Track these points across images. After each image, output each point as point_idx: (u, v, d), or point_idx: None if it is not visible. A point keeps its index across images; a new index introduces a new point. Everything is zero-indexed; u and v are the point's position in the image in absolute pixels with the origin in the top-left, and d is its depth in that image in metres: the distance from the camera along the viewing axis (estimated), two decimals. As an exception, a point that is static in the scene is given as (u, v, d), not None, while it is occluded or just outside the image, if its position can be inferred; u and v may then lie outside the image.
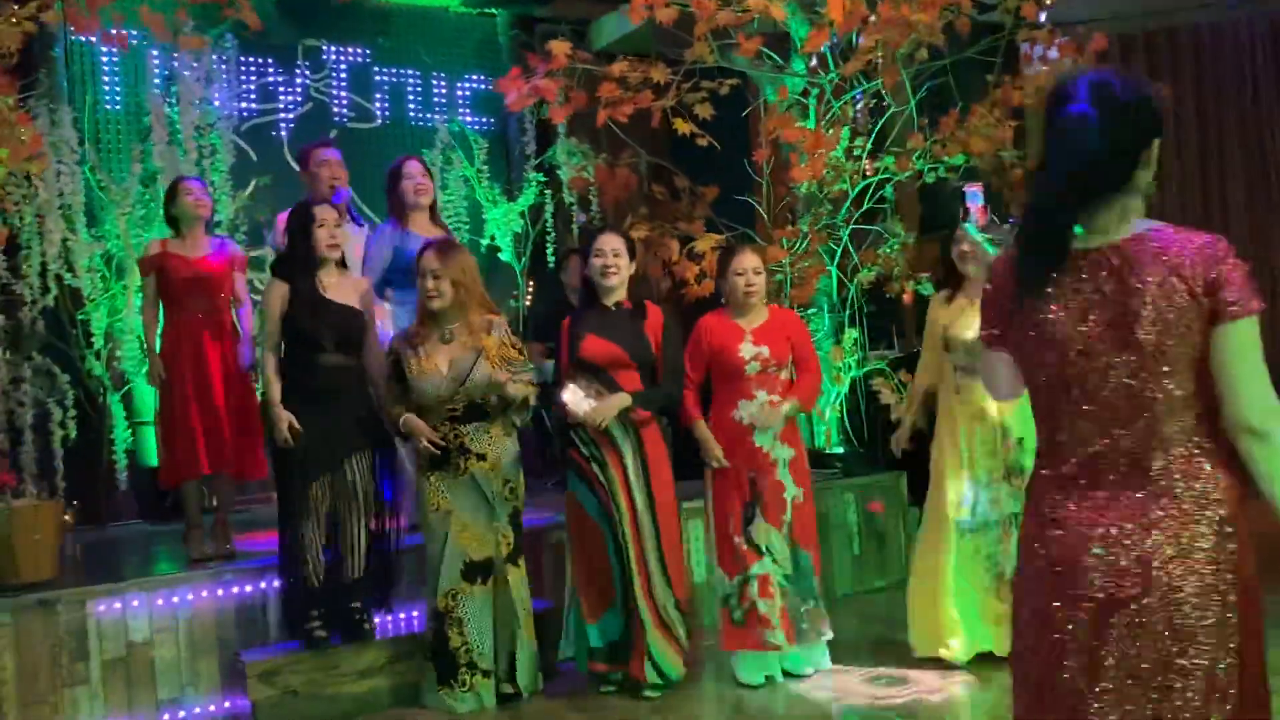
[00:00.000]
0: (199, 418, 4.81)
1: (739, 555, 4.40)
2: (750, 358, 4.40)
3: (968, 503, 4.45)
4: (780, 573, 4.40)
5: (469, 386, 4.23)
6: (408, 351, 4.31)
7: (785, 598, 4.41)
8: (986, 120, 5.86)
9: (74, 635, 4.18)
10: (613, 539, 4.30)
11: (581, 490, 4.36)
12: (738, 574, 4.40)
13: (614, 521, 4.28)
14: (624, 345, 4.31)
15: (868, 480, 6.07)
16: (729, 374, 4.43)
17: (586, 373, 4.31)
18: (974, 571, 4.46)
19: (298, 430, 4.24)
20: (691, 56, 5.75)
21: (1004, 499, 4.40)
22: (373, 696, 4.38)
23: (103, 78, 6.58)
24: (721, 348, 4.43)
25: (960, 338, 4.42)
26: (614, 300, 4.39)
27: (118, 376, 6.26)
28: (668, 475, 4.40)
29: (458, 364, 4.25)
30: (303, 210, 4.47)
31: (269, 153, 7.00)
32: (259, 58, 7.03)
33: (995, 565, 4.43)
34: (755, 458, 4.40)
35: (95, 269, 6.16)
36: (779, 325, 4.51)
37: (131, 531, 6.16)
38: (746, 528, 4.40)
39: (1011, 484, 4.39)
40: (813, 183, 5.92)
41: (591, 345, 4.31)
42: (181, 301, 4.89)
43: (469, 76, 7.85)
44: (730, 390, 4.44)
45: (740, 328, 4.46)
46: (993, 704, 4.14)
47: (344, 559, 4.39)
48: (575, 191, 7.22)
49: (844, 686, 4.39)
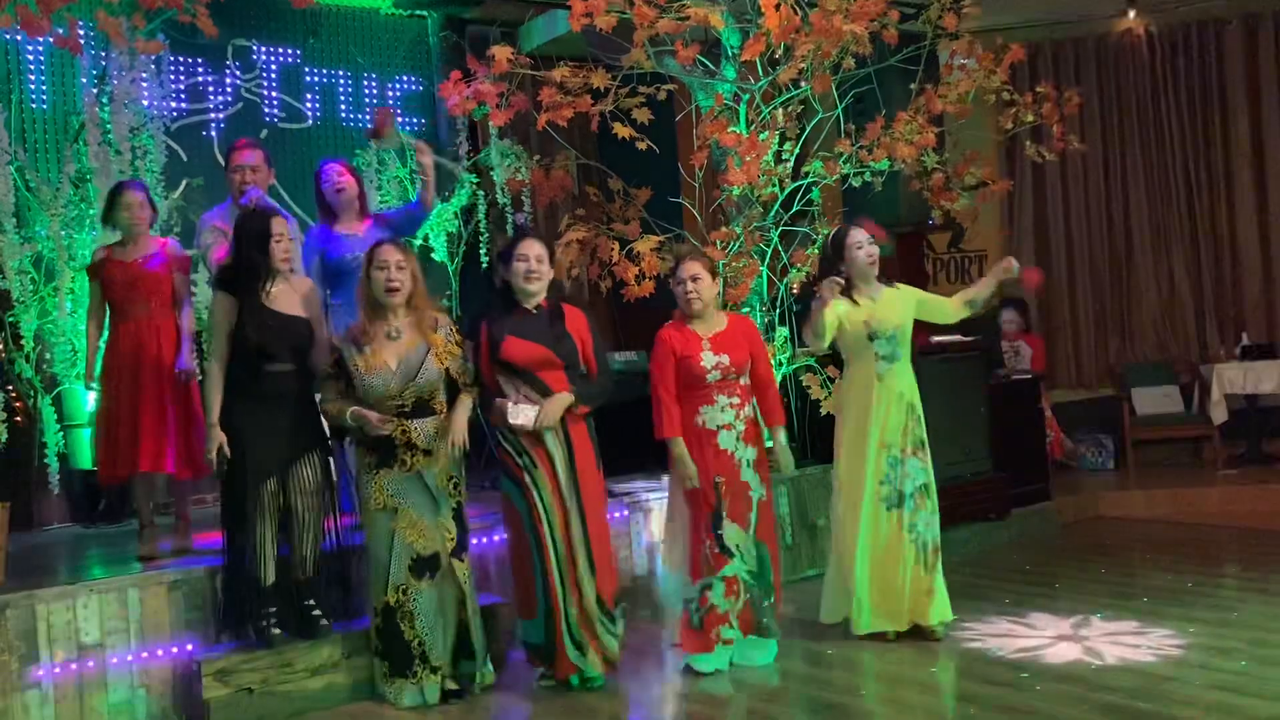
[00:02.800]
0: (136, 417, 4.84)
1: (708, 559, 4.53)
2: (711, 366, 4.54)
3: (889, 480, 4.79)
4: (745, 569, 4.57)
5: (419, 383, 4.30)
6: (352, 349, 4.35)
7: (749, 593, 4.57)
8: (910, 126, 6.09)
9: (24, 639, 4.16)
10: (536, 543, 4.38)
11: (513, 492, 4.44)
12: (701, 579, 4.53)
13: (540, 525, 4.36)
14: (550, 346, 4.39)
15: (798, 473, 6.26)
16: (690, 382, 4.55)
17: (510, 374, 4.39)
18: (894, 546, 4.78)
19: (225, 454, 4.29)
20: (628, 62, 5.88)
21: (914, 472, 4.80)
22: (329, 692, 4.43)
23: (29, 75, 6.47)
24: (683, 356, 4.55)
25: (885, 326, 4.79)
26: (533, 303, 4.48)
27: (48, 379, 6.18)
28: (596, 473, 4.50)
29: (407, 360, 4.31)
30: (258, 220, 4.46)
31: (200, 153, 6.95)
32: (188, 57, 6.96)
33: (918, 537, 4.79)
34: (720, 460, 4.54)
35: (24, 271, 6.07)
36: (737, 332, 4.66)
37: (63, 535, 6.09)
38: (716, 531, 4.53)
39: (918, 457, 4.81)
40: (746, 186, 6.09)
41: (514, 347, 4.37)
42: (121, 305, 4.95)
43: (400, 77, 7.87)
44: (692, 398, 4.57)
45: (698, 335, 4.60)
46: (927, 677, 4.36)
47: (296, 557, 4.43)
48: (510, 193, 7.30)
49: (790, 669, 4.58)
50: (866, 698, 4.25)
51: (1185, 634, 4.66)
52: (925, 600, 4.79)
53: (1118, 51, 9.42)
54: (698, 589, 4.54)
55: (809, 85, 6.09)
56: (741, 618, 4.57)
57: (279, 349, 4.36)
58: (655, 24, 5.74)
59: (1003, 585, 5.71)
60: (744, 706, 4.23)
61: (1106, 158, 9.46)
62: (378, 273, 4.33)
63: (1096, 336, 9.52)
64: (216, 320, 4.39)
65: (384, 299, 4.34)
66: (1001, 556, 6.45)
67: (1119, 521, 7.47)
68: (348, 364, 4.33)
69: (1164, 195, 9.41)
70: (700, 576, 4.54)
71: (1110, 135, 9.45)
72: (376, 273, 4.34)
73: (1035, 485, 7.44)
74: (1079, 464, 8.84)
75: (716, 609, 4.52)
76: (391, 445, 4.32)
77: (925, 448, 4.88)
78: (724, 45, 6.35)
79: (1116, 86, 9.44)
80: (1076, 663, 4.37)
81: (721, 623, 4.53)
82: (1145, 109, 9.42)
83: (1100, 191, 9.49)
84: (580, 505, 4.40)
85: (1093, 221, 9.51)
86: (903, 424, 4.82)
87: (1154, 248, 9.43)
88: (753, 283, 6.25)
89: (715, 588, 4.52)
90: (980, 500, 6.88)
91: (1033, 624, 4.95)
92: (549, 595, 4.36)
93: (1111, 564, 6.14)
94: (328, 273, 5.27)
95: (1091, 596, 5.39)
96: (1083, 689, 4.05)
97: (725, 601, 4.53)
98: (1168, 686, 4.03)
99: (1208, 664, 4.27)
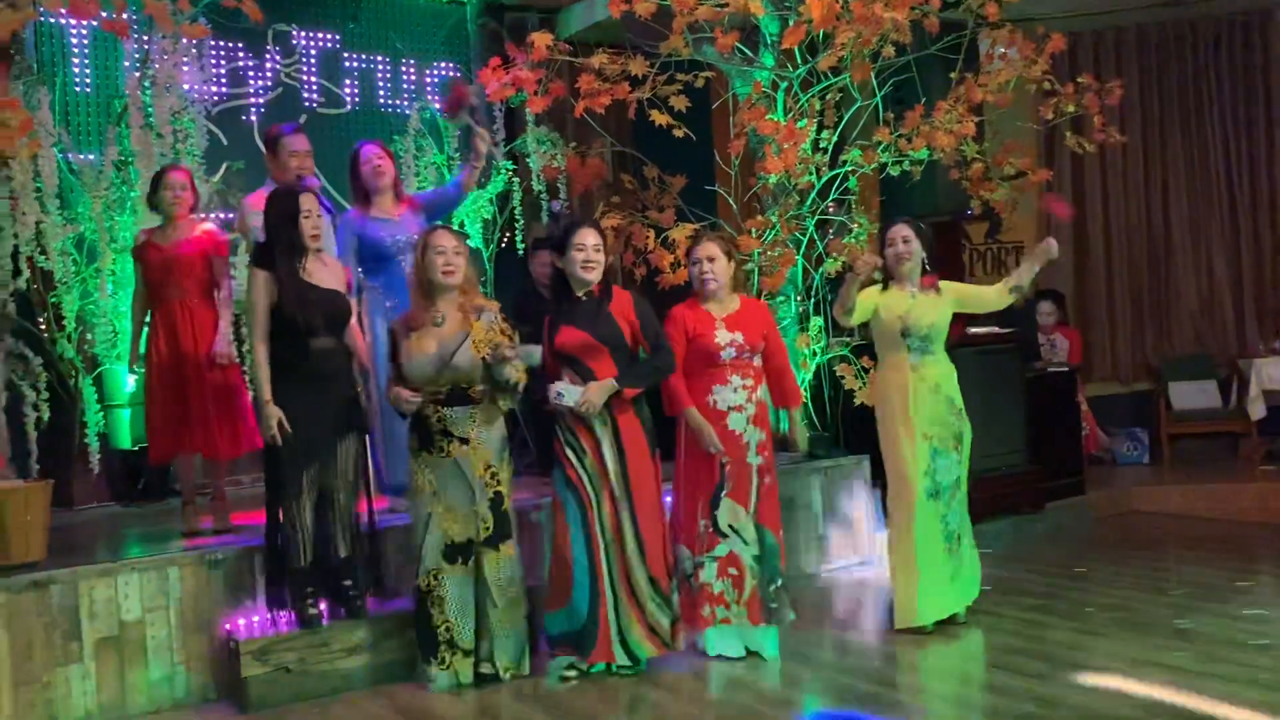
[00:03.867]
0: (181, 400, 4.99)
1: (702, 537, 4.56)
2: (725, 344, 4.55)
3: (930, 472, 4.78)
4: (750, 553, 4.57)
5: (452, 368, 4.32)
6: (403, 334, 4.42)
7: (755, 577, 4.57)
8: (950, 115, 6.05)
9: (66, 615, 4.24)
10: (584, 531, 4.41)
11: (560, 481, 4.48)
12: (695, 556, 4.56)
13: (589, 511, 4.40)
14: (591, 330, 4.42)
15: (831, 463, 6.27)
16: (703, 361, 4.57)
17: (564, 362, 4.44)
18: (935, 536, 4.79)
19: (286, 430, 4.33)
20: (666, 49, 5.88)
21: (952, 466, 4.81)
22: (365, 672, 4.48)
23: (72, 60, 6.55)
24: (696, 335, 4.57)
25: (919, 325, 4.75)
26: (585, 291, 4.51)
27: (89, 360, 6.26)
28: (647, 460, 4.49)
29: (444, 347, 4.35)
30: (287, 199, 4.50)
31: (239, 137, 7.01)
32: (229, 42, 7.02)
33: (947, 526, 4.80)
34: (729, 441, 4.55)
35: (67, 252, 6.14)
36: (751, 314, 4.67)
37: (103, 514, 6.18)
38: (713, 511, 4.55)
39: (957, 451, 4.81)
40: (783, 174, 6.07)
41: (565, 335, 4.43)
42: (158, 289, 5.06)
43: (438, 63, 7.90)
44: (704, 377, 4.58)
45: (712, 315, 4.61)
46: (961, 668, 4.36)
47: (335, 538, 4.48)
48: (546, 180, 7.31)
49: (812, 660, 4.58)
50: (897, 689, 4.25)
51: (1222, 630, 4.62)
52: (954, 587, 4.81)
53: (1159, 42, 9.31)
54: (690, 566, 4.57)
55: (848, 73, 6.06)
56: (749, 604, 4.57)
57: (320, 322, 4.40)
58: (694, 11, 5.73)
59: (1036, 578, 5.68)
60: (769, 696, 4.23)
61: (1146, 149, 9.37)
62: (435, 257, 4.37)
63: (1134, 329, 9.43)
64: (255, 298, 4.42)
65: (440, 281, 4.38)
66: (1035, 549, 6.42)
67: (1154, 517, 7.41)
68: (398, 349, 4.40)
69: (1204, 187, 9.31)
70: (695, 554, 4.56)
71: (1150, 126, 9.36)
72: (434, 257, 4.37)
73: (1070, 479, 7.39)
74: (1114, 458, 8.77)
75: (709, 587, 4.53)
76: (429, 431, 4.36)
77: (964, 443, 4.86)
78: (763, 32, 6.33)
79: (1157, 77, 9.34)
80: (1110, 655, 4.35)
81: (716, 603, 4.54)
82: (1186, 100, 9.32)
83: (1139, 183, 9.40)
84: (629, 491, 4.42)
85: (1131, 213, 9.41)
86: (941, 416, 4.79)
87: (1193, 240, 9.33)
88: (788, 272, 6.23)
89: (707, 566, 4.54)
90: (1015, 493, 6.85)
91: (1066, 616, 4.93)
92: (595, 582, 4.39)
93: (1146, 559, 6.10)
94: (364, 256, 5.30)
95: (1125, 590, 5.36)
96: (1116, 683, 4.03)
97: (719, 582, 4.54)
98: (1204, 683, 4.00)
99: (1248, 661, 4.23)
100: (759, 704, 4.11)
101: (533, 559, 4.99)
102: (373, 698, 4.37)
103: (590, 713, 4.11)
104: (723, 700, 4.21)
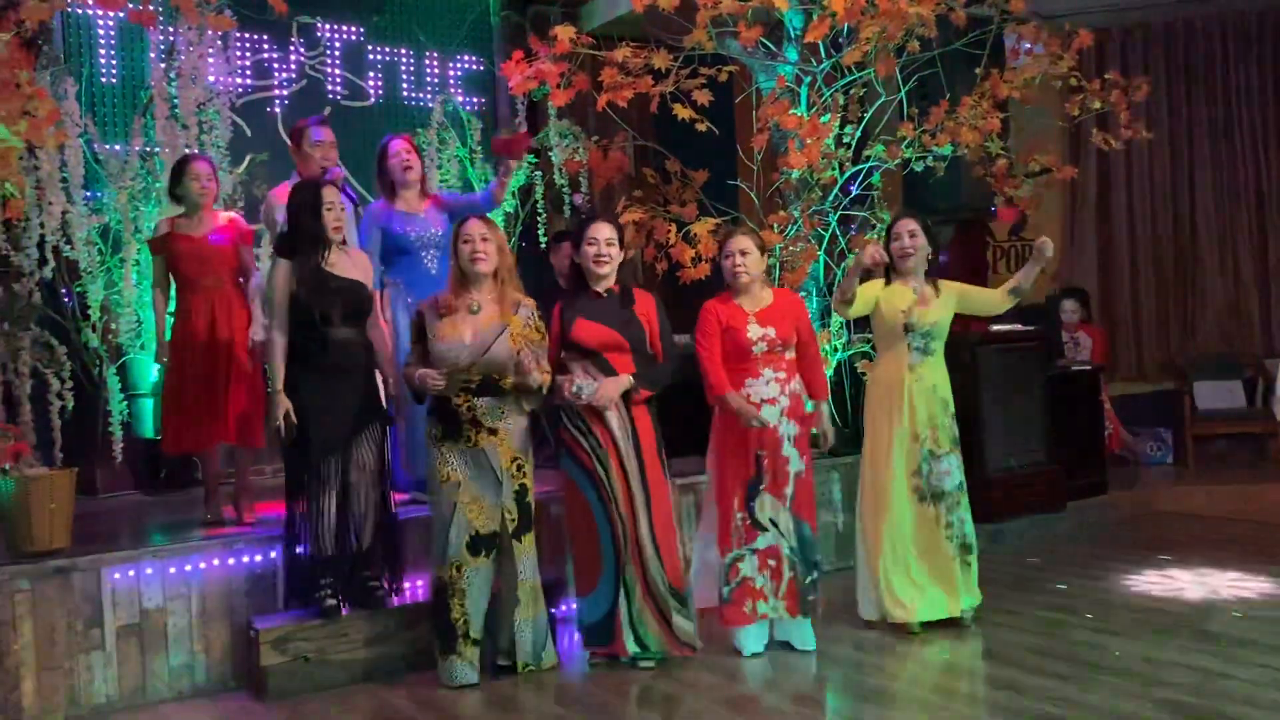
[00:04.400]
0: (214, 390, 4.94)
1: (740, 531, 4.55)
2: (757, 338, 4.55)
3: (922, 473, 4.76)
4: (787, 545, 4.57)
5: (488, 359, 4.32)
6: (433, 316, 4.40)
7: (793, 569, 4.57)
8: (975, 111, 6.01)
9: (89, 602, 4.27)
10: (606, 523, 4.43)
11: (575, 471, 4.49)
12: (731, 551, 4.55)
13: (609, 505, 4.41)
14: (619, 329, 4.44)
15: (852, 459, 6.23)
16: (736, 354, 4.57)
17: (579, 355, 4.45)
18: (936, 539, 4.77)
19: (292, 421, 4.35)
20: (690, 42, 5.86)
21: (953, 469, 4.79)
22: (384, 663, 4.49)
23: (99, 50, 6.59)
24: (728, 329, 4.57)
25: (922, 323, 4.77)
26: (604, 286, 4.52)
27: (114, 349, 6.30)
28: (658, 458, 4.54)
29: (481, 336, 4.34)
30: (310, 191, 4.53)
31: (263, 129, 7.04)
32: (254, 33, 7.06)
33: (955, 533, 4.77)
34: (764, 434, 4.55)
35: (92, 242, 6.19)
36: (783, 307, 4.66)
37: (126, 502, 6.22)
38: (749, 504, 4.55)
39: (955, 454, 4.81)
40: (806, 169, 6.05)
41: (584, 329, 4.43)
42: (192, 279, 5.02)
43: (461, 56, 7.91)
44: (737, 370, 4.58)
45: (744, 310, 4.61)
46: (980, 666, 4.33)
47: (356, 530, 4.49)
48: (568, 174, 7.31)
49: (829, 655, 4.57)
50: (911, 685, 4.23)
51: (1245, 631, 4.59)
52: (957, 592, 4.77)
53: (1188, 38, 9.23)
54: (728, 561, 4.55)
55: (872, 68, 6.03)
56: (788, 596, 4.57)
57: (339, 313, 4.42)
58: (718, 4, 5.71)
59: (1057, 577, 5.64)
60: (787, 690, 4.22)
61: (1173, 146, 9.28)
62: (464, 246, 4.38)
63: (1158, 328, 9.36)
64: (276, 287, 4.43)
65: (470, 269, 4.38)
66: (1057, 548, 6.37)
67: (1177, 517, 7.35)
68: (426, 330, 4.38)
69: (1231, 185, 9.22)
70: (731, 549, 4.55)
71: (1178, 124, 9.27)
72: (463, 246, 4.39)
73: (1092, 478, 7.34)
74: (1138, 458, 8.71)
75: (750, 582, 4.53)
76: (457, 420, 4.35)
77: (958, 446, 4.85)
78: (786, 26, 6.31)
79: (1186, 74, 9.25)
80: (1131, 655, 4.32)
81: (757, 597, 4.54)
82: (1215, 97, 9.23)
83: (1166, 181, 9.32)
84: (646, 489, 4.44)
85: (1157, 211, 9.33)
86: (935, 418, 4.79)
87: (1220, 238, 9.25)
88: (810, 268, 6.21)
89: (747, 560, 4.53)
90: (1036, 491, 6.81)
91: (1087, 616, 4.90)
92: (615, 576, 4.41)
93: (1168, 559, 6.05)
94: (386, 250, 5.31)
95: (1147, 590, 5.32)
96: (1138, 684, 4.01)
97: (760, 576, 4.54)
98: (1226, 684, 3.97)
99: (1269, 663, 4.20)
100: (769, 695, 4.10)
101: (555, 552, 4.99)
102: (391, 689, 4.38)
103: (602, 704, 4.12)
104: (736, 695, 4.20)
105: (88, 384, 6.19)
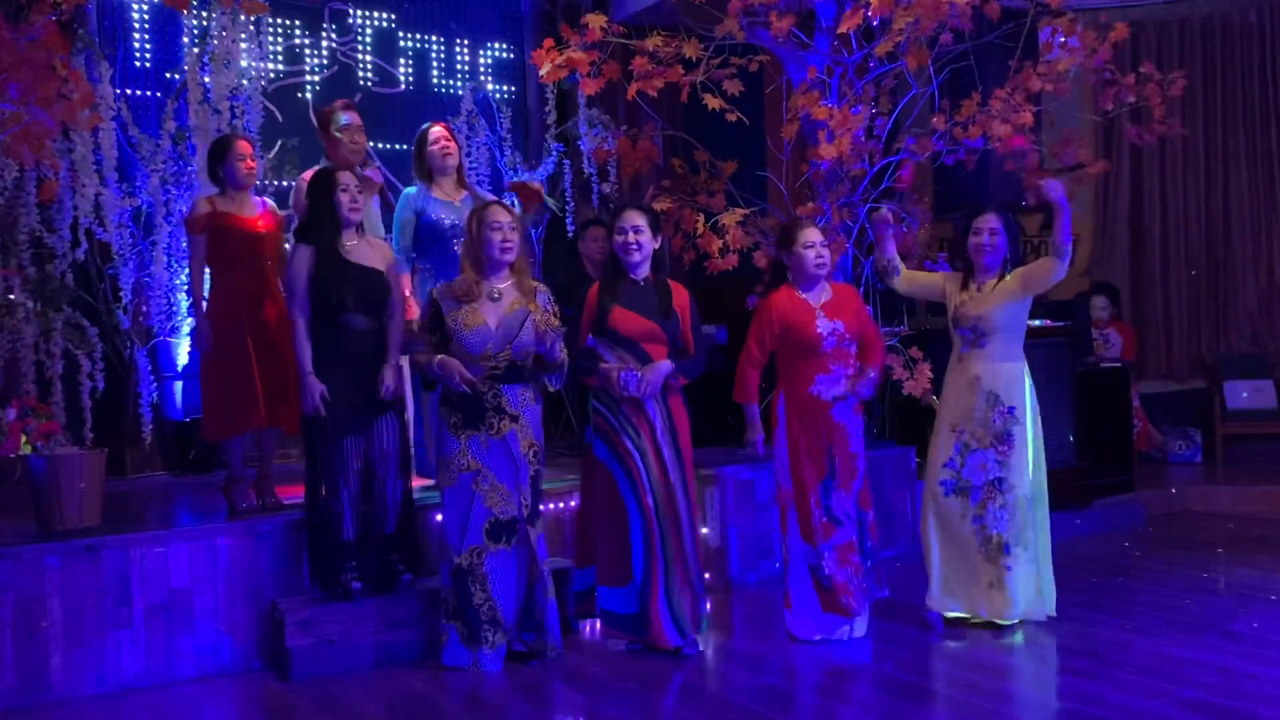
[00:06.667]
0: (259, 374, 4.80)
1: (820, 529, 4.55)
2: (827, 334, 4.53)
3: (954, 465, 4.71)
4: (857, 535, 4.59)
5: (515, 346, 4.33)
6: (451, 304, 4.38)
7: (862, 560, 4.60)
8: (1007, 105, 5.96)
9: (118, 580, 4.32)
10: (640, 512, 4.43)
11: (608, 457, 4.49)
12: (814, 549, 4.55)
13: (644, 494, 4.42)
14: (660, 322, 4.45)
15: (878, 454, 6.21)
16: (804, 350, 4.55)
17: (614, 343, 4.45)
18: (960, 533, 4.72)
19: (328, 401, 4.38)
20: (721, 32, 5.85)
21: (989, 464, 4.68)
22: (407, 646, 4.53)
23: (133, 34, 6.64)
24: (796, 325, 4.54)
25: (965, 316, 4.72)
26: (640, 275, 4.52)
27: (144, 331, 6.36)
28: (689, 443, 4.56)
29: (507, 322, 4.35)
30: (325, 176, 4.58)
31: (295, 115, 7.06)
32: (285, 19, 7.09)
33: (983, 529, 4.69)
34: (835, 432, 4.56)
35: (124, 225, 6.24)
36: (845, 300, 4.66)
37: (154, 483, 6.27)
38: (826, 502, 4.55)
39: (997, 450, 4.67)
40: (836, 161, 6.02)
41: (622, 318, 4.44)
42: (237, 261, 4.88)
43: (491, 44, 7.92)
44: (806, 366, 4.55)
45: (810, 304, 4.59)
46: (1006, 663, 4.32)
47: (378, 514, 4.53)
48: (597, 163, 7.30)
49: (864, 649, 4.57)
50: (939, 680, 4.23)
51: (1272, 632, 4.55)
52: (989, 594, 4.69)
53: (1224, 33, 9.12)
54: (813, 558, 4.55)
55: (904, 59, 5.99)
56: (860, 588, 4.59)
57: (356, 300, 4.44)
58: (751, -7, 5.70)
59: (1083, 575, 5.61)
60: (817, 682, 4.22)
61: (1208, 143, 9.18)
62: (492, 234, 4.36)
63: (1189, 327, 9.27)
64: (296, 272, 4.46)
65: (499, 258, 4.37)
66: (1083, 546, 6.33)
67: (1205, 516, 7.29)
68: (445, 319, 4.36)
69: (1267, 182, 9.10)
70: (812, 546, 4.55)
71: (1213, 119, 9.17)
72: (491, 233, 4.36)
73: (1120, 476, 7.29)
74: (1166, 457, 8.63)
75: (835, 578, 4.54)
76: (481, 407, 4.35)
77: (1013, 444, 4.67)
78: (818, 17, 6.27)
79: (1222, 69, 9.14)
80: (1157, 655, 4.29)
81: (844, 593, 4.54)
82: (1251, 93, 9.11)
83: (1199, 177, 9.21)
84: (684, 478, 4.47)
85: (1190, 207, 9.24)
86: (979, 411, 4.69)
87: (1254, 236, 9.14)
88: (838, 260, 6.18)
89: (828, 556, 4.53)
90: (1063, 489, 6.75)
91: (1113, 614, 4.87)
92: (650, 565, 4.42)
93: (1196, 558, 6.00)
94: (419, 235, 5.32)
95: (1174, 589, 5.29)
96: (1163, 682, 3.98)
97: (842, 571, 4.54)
98: (1250, 684, 3.94)
99: (1295, 664, 4.16)
100: (791, 684, 4.09)
101: (574, 539, 4.99)
102: (415, 671, 4.41)
103: (627, 691, 4.13)
104: (760, 686, 4.20)
105: (118, 365, 6.24)
